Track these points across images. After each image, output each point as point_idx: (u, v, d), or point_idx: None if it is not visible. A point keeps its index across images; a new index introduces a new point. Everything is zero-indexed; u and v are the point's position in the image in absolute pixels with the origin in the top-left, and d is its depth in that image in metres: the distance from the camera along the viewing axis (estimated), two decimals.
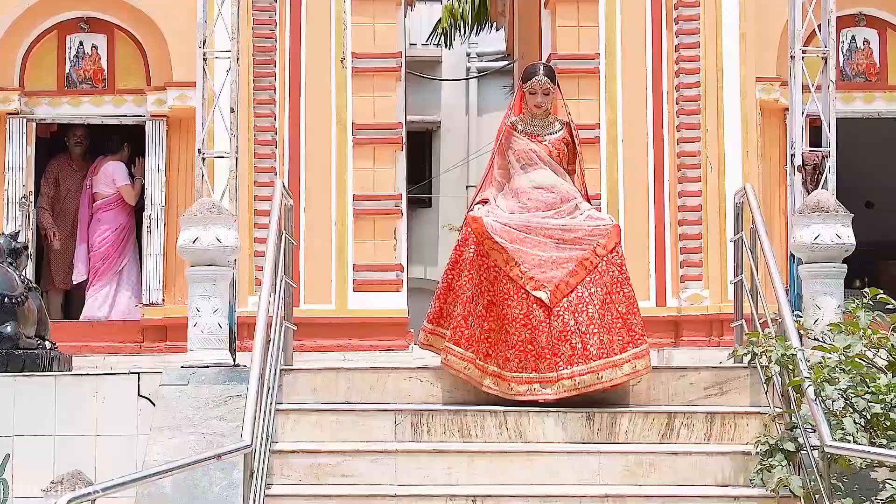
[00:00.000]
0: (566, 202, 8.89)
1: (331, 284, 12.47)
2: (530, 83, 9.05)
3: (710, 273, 12.32)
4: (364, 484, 8.04)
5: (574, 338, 8.38)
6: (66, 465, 8.44)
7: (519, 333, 8.40)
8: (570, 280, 8.50)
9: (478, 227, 8.71)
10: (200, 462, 7.15)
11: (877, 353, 8.01)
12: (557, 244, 8.62)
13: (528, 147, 9.05)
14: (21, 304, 10.13)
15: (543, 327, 8.39)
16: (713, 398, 8.66)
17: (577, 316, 8.42)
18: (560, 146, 9.12)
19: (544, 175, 8.98)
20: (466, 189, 25.76)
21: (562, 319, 8.41)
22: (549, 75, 9.10)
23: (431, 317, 8.89)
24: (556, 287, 8.46)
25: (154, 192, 12.74)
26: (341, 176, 12.59)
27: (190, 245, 9.00)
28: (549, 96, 9.09)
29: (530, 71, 9.18)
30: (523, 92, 9.14)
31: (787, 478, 7.56)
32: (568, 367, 8.33)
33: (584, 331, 8.39)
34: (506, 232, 8.63)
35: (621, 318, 8.52)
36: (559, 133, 9.16)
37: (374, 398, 8.65)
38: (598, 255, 8.60)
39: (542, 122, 9.15)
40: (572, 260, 8.55)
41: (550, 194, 8.91)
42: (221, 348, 9.05)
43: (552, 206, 8.84)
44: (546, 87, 9.04)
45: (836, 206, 9.15)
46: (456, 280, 8.74)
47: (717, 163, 12.40)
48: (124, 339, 12.56)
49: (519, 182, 8.99)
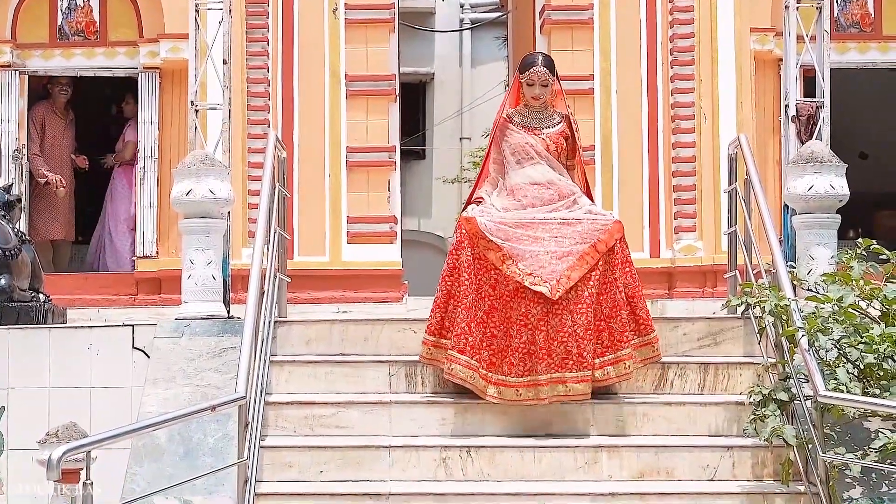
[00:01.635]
0: (564, 198, 8.43)
1: (324, 236, 12.47)
2: (528, 73, 8.56)
3: (704, 224, 12.33)
4: (358, 435, 8.06)
5: (570, 341, 7.96)
6: (61, 418, 8.45)
7: (520, 335, 7.97)
8: (570, 274, 8.03)
9: (471, 227, 8.20)
10: (195, 414, 7.16)
11: (870, 303, 8.02)
12: (556, 239, 8.16)
13: (524, 141, 8.57)
14: (15, 257, 10.13)
15: (542, 325, 7.96)
16: (707, 349, 8.68)
17: (574, 316, 7.99)
18: (559, 140, 8.63)
19: (541, 170, 8.51)
20: (460, 141, 25.72)
21: (560, 318, 7.98)
22: (548, 66, 8.58)
23: (432, 328, 8.25)
24: (558, 281, 7.99)
25: (147, 145, 12.72)
26: (334, 128, 12.57)
27: (183, 197, 8.99)
28: (548, 88, 8.60)
29: (528, 61, 8.66)
30: (520, 83, 8.65)
31: (780, 427, 7.58)
32: (559, 372, 7.96)
33: (580, 335, 7.97)
34: (500, 230, 8.16)
35: (603, 320, 8.08)
36: (558, 127, 8.68)
37: (368, 350, 8.66)
38: (598, 251, 8.12)
39: (540, 114, 8.68)
40: (573, 254, 8.09)
41: (548, 190, 8.44)
42: (215, 300, 9.05)
43: (549, 203, 8.39)
44: (545, 77, 8.54)
45: (830, 157, 9.14)
46: (455, 286, 8.18)
47: (711, 114, 12.38)
48: (118, 292, 12.56)
49: (514, 178, 8.52)
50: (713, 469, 7.84)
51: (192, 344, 8.59)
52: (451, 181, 25.06)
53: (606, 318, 8.09)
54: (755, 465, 7.85)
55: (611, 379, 8.11)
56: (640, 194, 12.53)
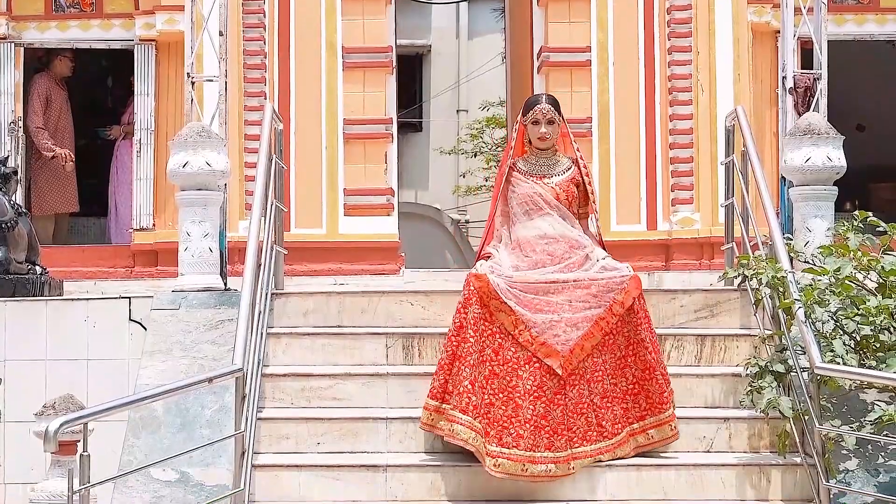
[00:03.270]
0: (575, 251, 7.92)
1: (321, 209, 12.46)
2: (532, 112, 8.09)
3: (701, 196, 12.32)
4: (355, 407, 8.07)
5: (589, 412, 7.52)
6: (58, 390, 8.45)
7: (533, 406, 7.42)
8: (584, 343, 7.54)
9: (482, 286, 7.63)
10: (192, 386, 7.17)
11: (867, 275, 8.03)
12: (570, 302, 7.63)
13: (531, 191, 8.05)
14: (11, 230, 10.12)
15: (559, 399, 7.46)
16: (703, 321, 8.68)
17: (591, 386, 7.54)
18: (569, 188, 8.10)
19: (550, 222, 7.99)
20: (457, 113, 25.73)
21: (577, 389, 7.52)
22: (552, 103, 8.14)
23: (435, 392, 7.64)
24: (571, 352, 7.51)
25: (143, 117, 12.69)
26: (331, 100, 12.54)
27: (180, 169, 8.98)
28: (555, 125, 8.11)
29: (531, 101, 8.22)
30: (524, 126, 8.17)
31: (776, 399, 7.59)
32: (584, 445, 7.50)
33: (597, 404, 7.53)
34: (512, 292, 7.63)
35: (636, 383, 7.66)
36: (568, 173, 8.16)
37: (365, 322, 8.66)
38: (614, 314, 7.62)
39: (548, 160, 8.18)
40: (587, 320, 7.59)
41: (559, 244, 7.92)
42: (212, 273, 9.06)
43: (561, 259, 7.86)
44: (550, 115, 8.07)
45: (827, 129, 9.14)
46: (461, 346, 7.61)
47: (709, 85, 12.36)
48: (115, 264, 12.55)
49: (522, 231, 8.01)
50: (710, 441, 7.85)
51: (189, 316, 8.59)
52: (447, 153, 25.08)
53: (640, 381, 7.65)
54: (752, 436, 7.87)
55: (654, 443, 7.69)
56: (637, 166, 12.52)
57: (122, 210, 13.16)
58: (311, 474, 7.61)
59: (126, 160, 13.18)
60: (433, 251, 21.71)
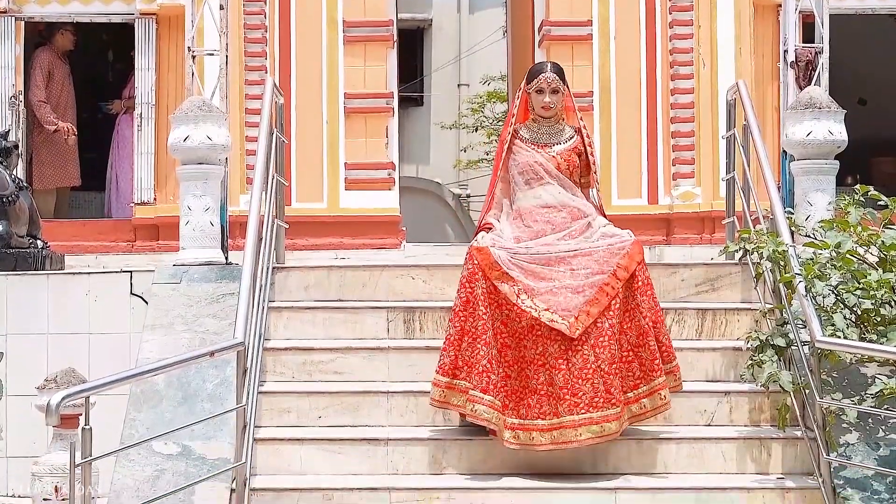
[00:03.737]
0: (577, 220, 7.82)
1: (322, 183, 12.46)
2: (536, 81, 7.92)
3: (702, 170, 12.33)
4: (357, 381, 8.08)
5: (595, 377, 7.35)
6: (60, 364, 8.48)
7: (537, 375, 7.38)
8: (590, 309, 7.41)
9: (484, 258, 7.53)
10: (194, 359, 7.18)
11: (868, 249, 8.03)
12: (573, 271, 7.53)
13: (532, 159, 7.92)
14: (12, 204, 10.13)
15: (561, 364, 7.35)
16: (704, 294, 8.69)
17: (597, 351, 7.38)
18: (571, 157, 7.96)
19: (552, 191, 7.87)
20: (458, 87, 25.70)
21: (581, 355, 7.37)
22: (558, 72, 7.96)
23: (445, 368, 7.52)
24: (576, 318, 7.38)
25: (144, 91, 12.67)
26: (332, 74, 12.53)
27: (181, 143, 8.97)
28: (559, 95, 7.94)
29: (536, 69, 8.06)
30: (528, 94, 7.99)
31: (777, 373, 7.60)
32: (591, 411, 7.34)
33: (605, 370, 7.36)
34: (514, 262, 7.53)
35: (631, 350, 7.51)
36: (570, 142, 8.02)
37: (366, 296, 8.67)
38: (618, 278, 7.49)
39: (551, 129, 8.03)
40: (591, 286, 7.47)
41: (559, 213, 7.81)
42: (213, 247, 9.05)
43: (562, 227, 7.76)
44: (555, 84, 7.90)
45: (828, 103, 9.13)
46: (470, 322, 7.49)
47: (710, 60, 12.35)
48: (116, 238, 12.56)
49: (523, 201, 7.90)
50: (710, 414, 7.86)
51: (191, 290, 8.59)
52: (448, 127, 25.07)
53: (635, 348, 7.52)
54: (752, 410, 7.88)
55: (647, 412, 7.54)
56: (638, 141, 12.52)
57: (123, 184, 13.17)
58: (313, 448, 7.62)
59: (127, 134, 13.17)
60: (434, 225, 21.74)
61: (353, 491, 7.34)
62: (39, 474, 7.59)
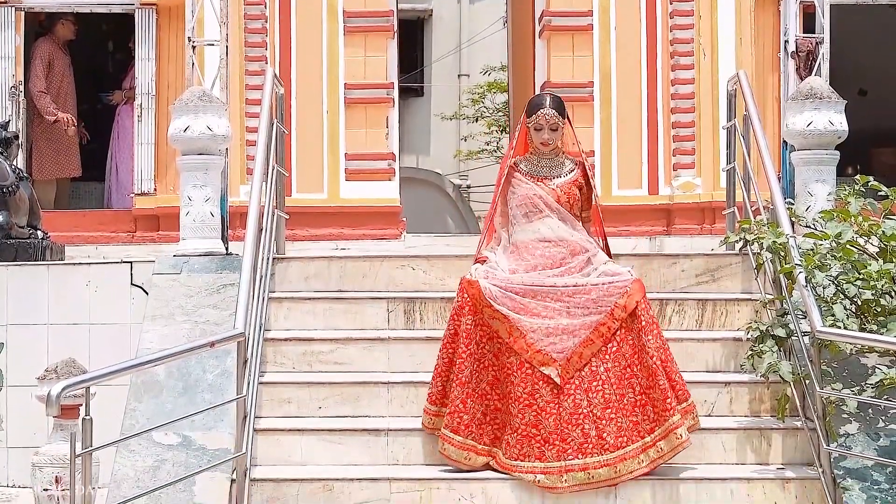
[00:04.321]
0: (577, 256, 7.61)
1: (323, 173, 12.45)
2: (535, 117, 7.73)
3: (703, 161, 12.32)
4: (357, 371, 8.08)
5: (587, 422, 7.17)
6: (60, 354, 8.48)
7: (522, 415, 7.22)
8: (583, 351, 7.24)
9: (474, 292, 7.38)
10: (194, 350, 7.17)
11: (868, 239, 8.03)
12: (568, 309, 7.34)
13: (531, 192, 7.72)
14: (12, 194, 10.13)
15: (551, 408, 7.19)
16: (705, 285, 8.69)
17: (590, 396, 7.20)
18: (571, 190, 7.77)
19: (551, 225, 7.67)
20: (459, 78, 25.66)
21: (573, 399, 7.20)
22: (557, 108, 7.75)
23: (434, 397, 7.49)
24: (568, 360, 7.22)
25: (144, 82, 12.66)
26: (332, 64, 12.52)
27: (181, 134, 8.96)
28: (558, 132, 7.76)
29: (535, 103, 7.84)
30: (527, 128, 7.82)
31: (777, 363, 7.60)
32: (579, 458, 7.15)
33: (598, 415, 7.17)
34: (507, 297, 7.35)
35: (644, 393, 7.26)
36: (570, 175, 7.83)
37: (366, 286, 8.67)
38: (615, 318, 7.29)
39: (550, 161, 7.84)
40: (586, 327, 7.28)
41: (558, 248, 7.61)
42: (214, 237, 9.05)
43: (560, 263, 7.56)
44: (553, 121, 7.72)
45: (829, 93, 9.12)
46: (456, 354, 7.41)
47: (711, 50, 12.34)
48: (116, 229, 12.55)
49: (521, 234, 7.70)
50: (710, 405, 7.86)
51: (191, 280, 8.59)
52: (449, 118, 25.03)
53: (646, 390, 7.26)
54: (752, 400, 7.88)
55: (665, 454, 7.23)
56: (638, 131, 12.51)
57: (123, 175, 13.16)
58: (313, 438, 7.62)
59: (127, 125, 13.16)
60: (434, 216, 21.71)
61: (353, 481, 7.34)
62: (40, 464, 7.60)
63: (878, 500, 7.08)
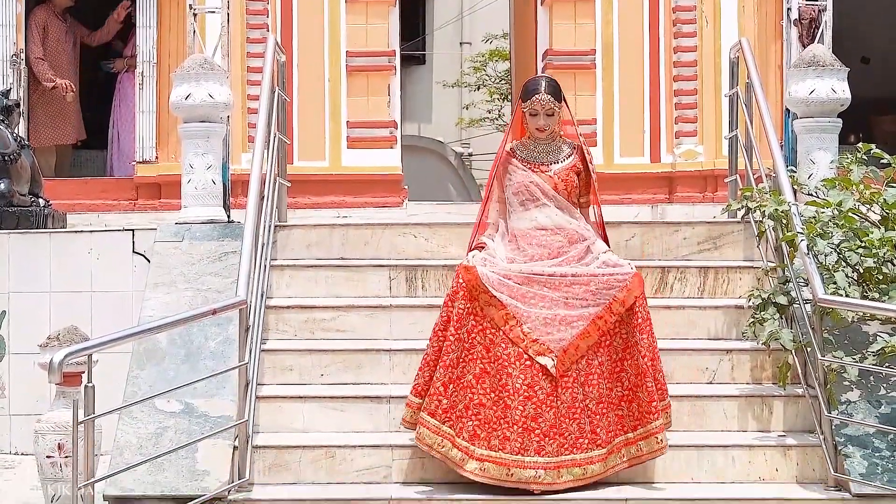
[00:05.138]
0: (575, 244, 7.38)
1: (324, 141, 12.44)
2: (530, 102, 7.44)
3: (705, 129, 12.30)
4: (359, 338, 8.09)
5: (582, 416, 7.03)
6: (62, 322, 8.48)
7: (522, 407, 6.97)
8: (580, 343, 7.05)
9: (471, 278, 7.13)
10: (196, 317, 7.18)
11: (870, 207, 8.03)
12: (566, 299, 7.13)
13: (528, 180, 7.46)
14: (14, 162, 10.12)
15: (551, 401, 6.99)
16: (707, 253, 8.70)
17: (585, 389, 7.05)
18: (569, 176, 7.50)
19: (548, 213, 7.42)
20: (460, 46, 25.60)
21: (570, 392, 7.02)
22: (553, 92, 7.44)
23: (419, 388, 7.21)
24: (565, 352, 7.02)
25: (146, 50, 12.62)
26: (334, 32, 12.49)
27: (182, 102, 8.96)
28: (554, 117, 7.47)
29: (530, 87, 7.50)
30: (523, 112, 7.54)
31: (778, 331, 7.61)
32: (575, 452, 7.01)
33: (592, 409, 7.05)
34: (504, 285, 7.12)
35: (630, 390, 7.13)
36: (568, 160, 7.54)
37: (368, 254, 8.68)
38: (613, 312, 7.11)
39: (547, 147, 7.55)
40: (583, 318, 7.08)
41: (556, 237, 7.36)
42: (215, 205, 9.05)
43: (559, 252, 7.32)
44: (549, 106, 7.42)
45: (831, 61, 9.10)
46: (444, 342, 7.16)
47: (713, 18, 12.30)
48: (118, 197, 12.54)
49: (518, 223, 7.46)
50: (712, 372, 7.88)
51: (193, 248, 8.60)
52: (451, 86, 24.98)
53: (633, 388, 7.14)
54: (754, 368, 7.90)
55: (644, 455, 7.16)
56: (640, 99, 12.49)
57: (125, 143, 13.14)
58: (315, 405, 7.64)
59: (128, 93, 13.13)
60: (436, 184, 21.69)
61: (355, 448, 7.36)
62: (42, 432, 7.62)
63: (878, 468, 7.10)
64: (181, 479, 7.06)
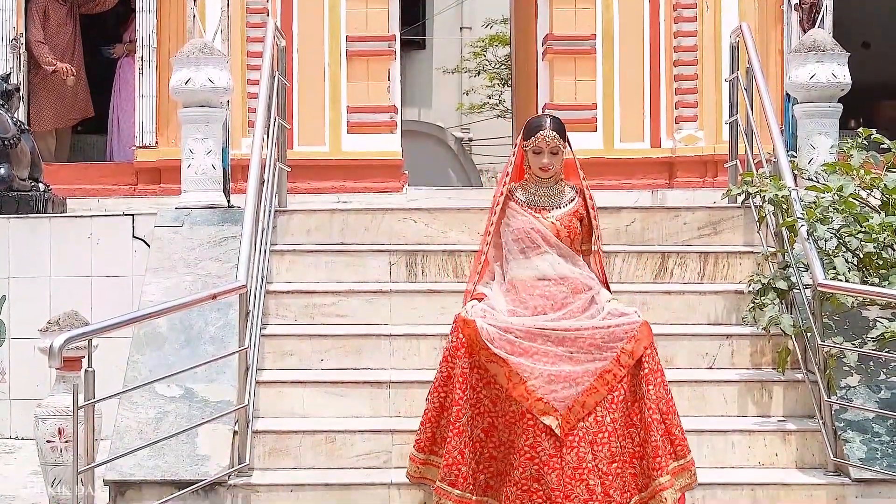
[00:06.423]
0: (579, 294, 6.94)
1: (324, 126, 12.43)
2: (534, 140, 6.99)
3: (705, 114, 12.30)
4: (359, 324, 8.09)
5: (592, 477, 6.55)
6: (62, 306, 8.48)
7: (524, 468, 6.58)
8: (586, 400, 6.61)
9: (471, 332, 6.73)
10: (196, 302, 7.18)
11: (870, 193, 8.03)
12: (571, 354, 6.70)
13: (528, 226, 7.02)
14: (14, 146, 10.12)
15: (554, 462, 6.55)
16: (707, 238, 8.70)
17: (595, 448, 6.60)
18: (571, 222, 7.06)
19: (551, 262, 6.99)
20: (461, 31, 25.61)
21: (577, 452, 6.57)
22: (558, 129, 7.01)
23: (422, 444, 6.88)
24: (570, 409, 6.58)
25: (146, 34, 12.61)
26: (334, 17, 12.48)
27: (182, 86, 8.95)
28: (558, 156, 7.02)
29: (534, 125, 7.07)
30: (524, 151, 7.09)
31: (778, 316, 7.61)
32: None
33: (604, 470, 6.58)
34: (505, 339, 6.71)
35: (640, 445, 6.66)
36: (571, 205, 7.11)
37: (368, 239, 8.68)
38: (622, 365, 6.67)
39: (549, 190, 7.11)
40: (590, 374, 6.66)
41: (559, 287, 6.93)
42: (215, 190, 9.04)
43: (562, 304, 6.89)
44: (554, 144, 6.97)
45: (832, 45, 9.09)
46: (448, 400, 6.79)
47: (713, 2, 12.30)
48: (118, 182, 12.54)
49: (518, 271, 7.01)
50: (712, 357, 7.88)
51: (193, 233, 8.60)
52: (451, 71, 24.99)
53: (642, 443, 6.68)
54: (754, 353, 7.90)
55: None
56: (640, 84, 12.49)
57: (125, 128, 13.14)
58: (315, 390, 7.64)
59: (128, 78, 13.12)
60: (436, 169, 21.71)
61: (355, 433, 7.36)
62: (42, 416, 7.61)
63: (878, 452, 7.10)
64: (181, 464, 7.06)
